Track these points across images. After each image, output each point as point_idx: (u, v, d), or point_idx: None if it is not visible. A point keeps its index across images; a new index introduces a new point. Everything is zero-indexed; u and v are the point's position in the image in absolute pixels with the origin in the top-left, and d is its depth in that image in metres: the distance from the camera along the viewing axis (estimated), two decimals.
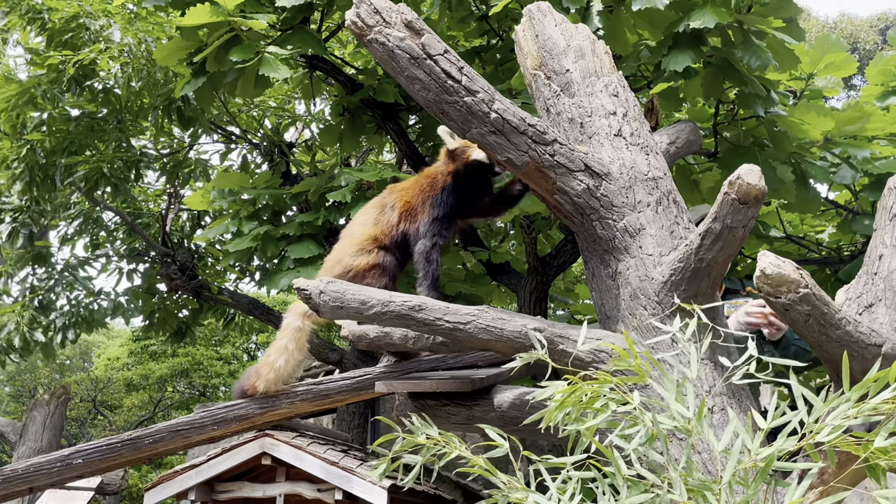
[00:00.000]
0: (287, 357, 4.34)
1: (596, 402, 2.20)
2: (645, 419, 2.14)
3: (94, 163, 8.17)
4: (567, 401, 2.22)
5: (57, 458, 4.98)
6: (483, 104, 3.50)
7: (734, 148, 5.80)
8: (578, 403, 2.21)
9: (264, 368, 4.42)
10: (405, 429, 2.51)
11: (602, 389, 2.20)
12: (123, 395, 20.67)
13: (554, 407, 2.23)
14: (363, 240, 4.28)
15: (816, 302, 2.84)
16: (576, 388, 2.22)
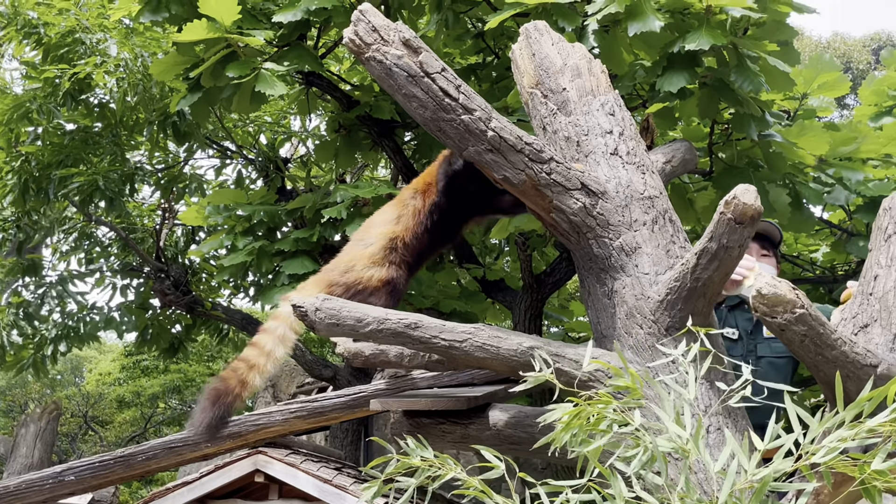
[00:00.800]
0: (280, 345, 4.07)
1: (601, 423, 2.20)
2: (645, 440, 2.13)
3: (89, 175, 8.16)
4: (573, 422, 2.21)
5: (48, 474, 4.95)
6: (480, 122, 3.51)
7: (729, 168, 5.83)
8: (585, 425, 2.20)
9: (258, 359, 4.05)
10: (399, 450, 2.50)
11: (606, 410, 2.20)
12: (115, 411, 20.55)
13: (560, 429, 2.23)
14: (378, 249, 4.15)
15: (812, 322, 2.84)
16: (581, 409, 2.22)
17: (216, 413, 4.02)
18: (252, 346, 4.09)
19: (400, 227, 4.19)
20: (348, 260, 4.21)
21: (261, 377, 4.01)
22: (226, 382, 4.04)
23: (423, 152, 8.54)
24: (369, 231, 4.31)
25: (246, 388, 4.01)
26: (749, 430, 2.39)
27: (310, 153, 10.44)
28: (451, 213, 4.26)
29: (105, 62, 7.54)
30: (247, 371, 4.01)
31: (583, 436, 2.22)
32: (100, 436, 20.63)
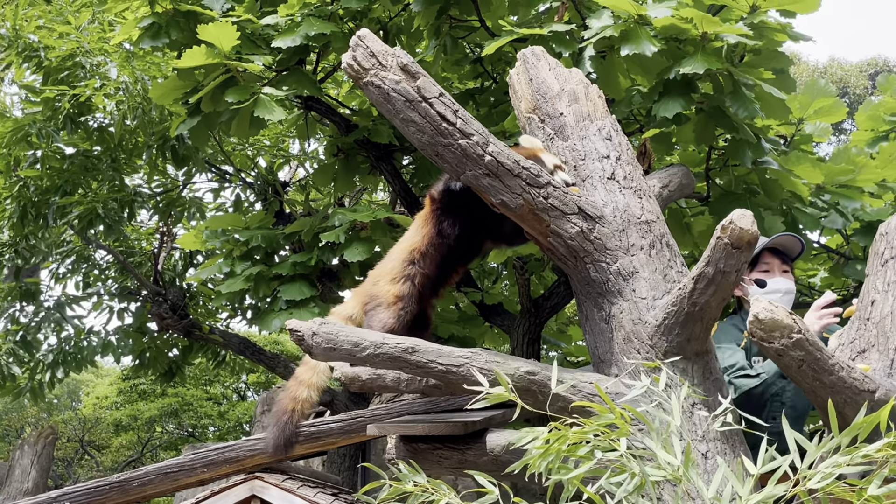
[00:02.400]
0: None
1: (579, 449, 2.19)
2: (633, 467, 2.12)
3: (88, 203, 8.17)
4: (550, 448, 2.20)
5: (44, 500, 4.92)
6: (478, 147, 3.53)
7: (725, 194, 5.84)
8: (560, 451, 2.19)
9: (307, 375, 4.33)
10: (392, 476, 2.49)
11: (587, 436, 2.19)
12: (111, 435, 20.41)
13: (538, 454, 2.22)
14: (399, 263, 4.21)
15: (809, 347, 2.85)
16: (559, 434, 2.21)
17: (278, 432, 4.33)
18: (303, 364, 4.42)
19: (418, 238, 4.24)
20: (378, 273, 4.32)
21: (309, 389, 4.32)
22: (281, 403, 4.37)
23: (421, 176, 8.56)
24: (399, 244, 4.41)
25: (298, 402, 4.32)
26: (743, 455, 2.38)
27: (308, 176, 10.46)
28: (459, 219, 4.24)
29: (105, 85, 7.58)
30: (296, 387, 4.32)
31: (558, 461, 2.21)
32: (96, 460, 20.49)
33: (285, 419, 4.31)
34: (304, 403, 4.31)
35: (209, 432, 19.63)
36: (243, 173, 9.90)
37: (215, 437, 19.32)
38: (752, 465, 2.14)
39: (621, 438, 2.19)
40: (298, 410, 4.31)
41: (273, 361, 10.19)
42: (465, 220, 4.16)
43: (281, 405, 4.35)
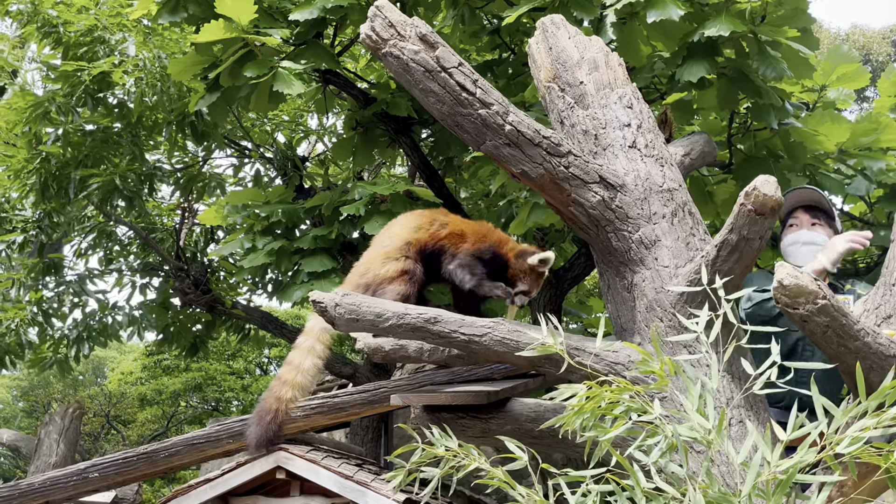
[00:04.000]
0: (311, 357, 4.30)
1: (614, 408, 2.19)
2: (665, 429, 2.12)
3: (108, 176, 8.21)
4: (585, 406, 2.21)
5: (73, 471, 5.00)
6: (497, 116, 3.51)
7: (748, 159, 5.79)
8: (596, 409, 2.20)
9: (290, 374, 4.33)
10: (424, 440, 2.51)
11: (621, 396, 2.19)
12: (137, 410, 20.66)
13: (572, 412, 2.22)
14: (392, 248, 4.26)
15: (835, 313, 2.82)
16: (594, 392, 2.21)
17: (262, 431, 4.32)
18: (286, 364, 4.37)
19: (416, 237, 4.30)
20: (366, 261, 4.34)
21: (293, 389, 4.28)
22: (265, 402, 4.34)
23: (440, 149, 8.54)
24: (388, 233, 4.44)
25: (283, 403, 4.29)
26: (771, 420, 2.37)
27: (327, 151, 10.46)
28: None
29: (124, 62, 7.59)
30: (280, 387, 4.28)
31: (594, 420, 2.21)
32: (122, 435, 20.77)
33: (269, 419, 4.31)
34: (287, 403, 4.30)
35: (233, 406, 19.83)
36: (262, 149, 9.91)
37: (239, 410, 19.51)
38: (782, 431, 2.13)
39: (655, 400, 2.19)
40: (282, 410, 4.31)
41: (295, 335, 10.22)
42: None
43: (265, 404, 4.34)
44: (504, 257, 4.31)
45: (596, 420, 2.22)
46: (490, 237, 4.35)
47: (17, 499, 5.05)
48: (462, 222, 4.43)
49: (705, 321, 2.33)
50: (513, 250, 4.34)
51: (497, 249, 4.32)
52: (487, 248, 4.30)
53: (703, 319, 2.31)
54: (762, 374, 2.20)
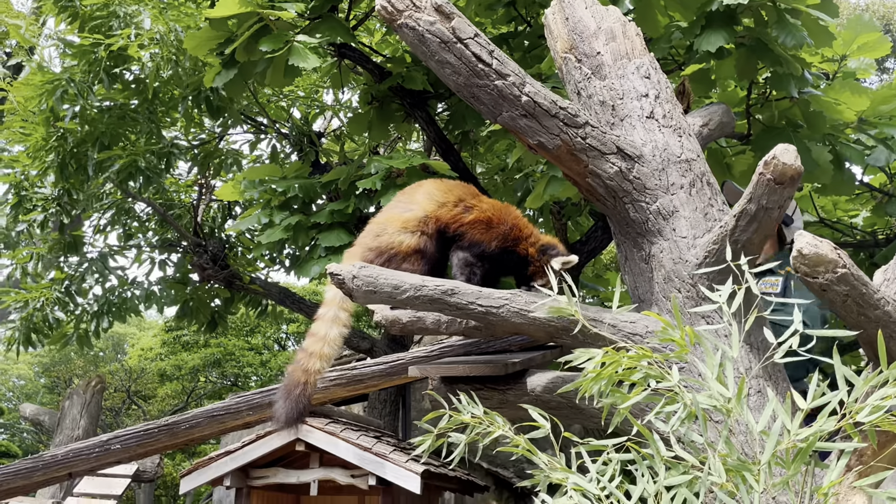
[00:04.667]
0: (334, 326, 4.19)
1: (632, 374, 2.19)
2: (684, 397, 2.12)
3: (129, 156, 8.25)
4: (602, 372, 2.21)
5: (95, 443, 5.06)
6: (514, 87, 3.49)
7: (767, 129, 5.74)
8: (614, 375, 2.20)
9: (316, 346, 4.17)
10: (451, 406, 2.53)
11: (639, 363, 2.19)
12: (157, 385, 20.90)
13: (590, 378, 2.22)
14: (411, 218, 4.13)
15: (855, 282, 2.80)
16: (613, 357, 2.21)
17: (291, 406, 4.11)
18: (309, 336, 4.20)
19: (437, 213, 4.16)
20: (384, 221, 4.20)
21: (321, 361, 4.12)
22: (292, 376, 4.15)
23: (456, 123, 8.51)
24: (415, 196, 4.27)
25: (311, 375, 4.12)
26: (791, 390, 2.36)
27: (343, 126, 10.46)
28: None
29: (140, 35, 7.59)
30: (307, 359, 4.12)
31: (611, 385, 2.21)
32: (143, 410, 21.00)
33: (298, 392, 4.13)
34: (315, 375, 4.13)
35: (251, 381, 20.00)
36: (278, 125, 9.92)
37: (257, 385, 19.68)
38: (802, 399, 2.12)
39: (674, 367, 2.19)
40: (311, 383, 4.14)
41: (313, 310, 10.27)
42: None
43: (292, 377, 4.15)
44: (523, 254, 4.17)
45: (613, 386, 2.23)
46: (513, 232, 4.18)
47: (41, 470, 5.13)
48: (490, 209, 4.22)
49: (728, 293, 2.31)
50: (534, 245, 4.18)
51: (516, 248, 4.17)
52: (505, 247, 4.16)
53: (725, 291, 2.29)
54: (783, 343, 2.18)
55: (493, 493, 10.29)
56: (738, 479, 2.09)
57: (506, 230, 4.15)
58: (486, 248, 4.11)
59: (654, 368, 2.18)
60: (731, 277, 2.38)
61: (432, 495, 7.25)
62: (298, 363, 4.15)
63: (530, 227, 4.26)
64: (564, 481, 2.26)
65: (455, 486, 7.20)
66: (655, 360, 2.18)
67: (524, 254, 4.15)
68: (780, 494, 2.95)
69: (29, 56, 9.97)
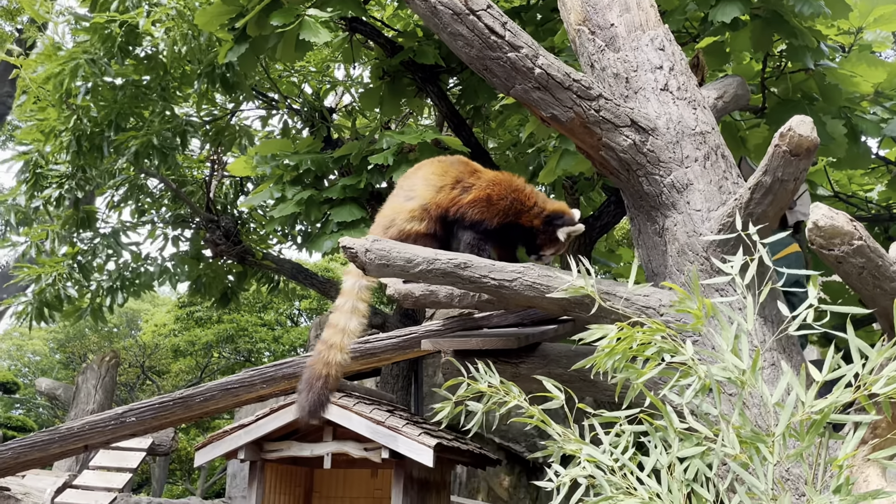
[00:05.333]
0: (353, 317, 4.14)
1: (646, 349, 2.19)
2: (698, 370, 2.12)
3: (144, 136, 8.27)
4: (616, 347, 2.21)
5: (111, 416, 5.10)
6: (527, 59, 3.46)
7: (782, 102, 5.69)
8: (628, 350, 2.19)
9: (336, 337, 4.13)
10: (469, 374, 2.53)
11: (653, 337, 2.18)
12: (171, 361, 21.06)
13: (604, 353, 2.22)
14: (416, 207, 4.14)
15: (871, 254, 2.78)
16: (626, 333, 2.20)
17: (313, 397, 4.07)
18: (328, 327, 4.17)
19: (436, 200, 4.14)
20: (391, 213, 4.21)
21: (342, 353, 4.09)
22: (313, 368, 4.13)
23: (468, 97, 8.47)
24: (413, 182, 4.27)
25: (332, 367, 4.08)
26: (806, 363, 2.35)
27: (354, 101, 10.43)
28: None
29: (154, 11, 7.58)
30: (328, 351, 4.09)
31: (625, 361, 2.21)
32: (157, 385, 21.17)
33: (319, 384, 4.08)
34: (337, 367, 4.09)
35: (264, 357, 20.12)
36: (290, 100, 9.90)
37: (270, 360, 19.79)
38: (818, 371, 2.11)
39: (687, 341, 2.18)
40: (333, 375, 4.10)
41: (325, 286, 10.33)
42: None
43: (314, 370, 4.11)
44: (527, 226, 4.14)
45: (627, 361, 2.22)
46: (514, 206, 4.13)
47: (58, 442, 5.18)
48: (489, 184, 4.17)
49: (741, 264, 2.30)
50: (538, 216, 4.13)
51: (519, 220, 4.13)
52: (507, 222, 4.12)
53: (738, 262, 2.28)
54: (798, 316, 2.17)
55: (505, 468, 10.35)
56: (751, 450, 2.09)
57: (506, 205, 4.12)
58: (487, 226, 4.08)
59: (668, 342, 2.17)
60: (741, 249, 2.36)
61: (445, 468, 7.29)
62: (319, 355, 4.13)
63: (534, 195, 4.20)
64: (578, 452, 2.26)
65: (467, 460, 7.24)
66: (669, 335, 2.18)
67: (528, 226, 4.13)
68: (794, 466, 2.95)
69: (41, 32, 9.97)
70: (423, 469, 6.66)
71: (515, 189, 4.18)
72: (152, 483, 18.56)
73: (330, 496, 7.72)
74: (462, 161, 4.38)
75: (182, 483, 19.98)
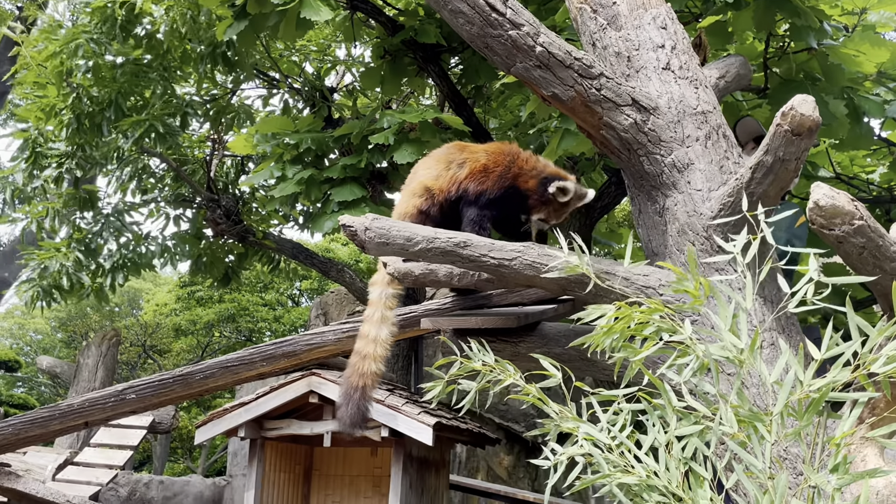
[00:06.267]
0: (383, 326, 4.19)
1: (645, 328, 2.18)
2: (696, 349, 2.12)
3: (146, 121, 8.25)
4: (615, 326, 2.20)
5: (111, 393, 5.11)
6: (528, 37, 3.44)
7: (785, 82, 5.67)
8: (626, 330, 2.19)
9: (368, 347, 4.17)
10: (462, 353, 2.53)
11: (651, 317, 2.18)
12: (172, 340, 21.09)
13: (602, 332, 2.22)
14: (416, 186, 4.21)
15: (871, 234, 2.77)
16: (624, 312, 2.20)
17: (353, 409, 4.09)
18: (360, 339, 4.20)
19: (437, 185, 4.21)
20: (401, 213, 4.27)
21: (375, 362, 4.12)
22: (349, 381, 4.15)
23: (469, 77, 8.43)
24: (412, 182, 4.35)
25: (367, 377, 4.11)
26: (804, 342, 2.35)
27: (355, 81, 10.39)
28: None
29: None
30: (362, 362, 4.12)
31: (623, 340, 2.21)
32: (158, 364, 21.22)
33: (358, 396, 4.09)
34: (373, 377, 4.11)
35: (266, 336, 20.15)
36: (291, 80, 9.86)
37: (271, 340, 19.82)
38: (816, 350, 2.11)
39: (686, 320, 2.18)
40: (370, 385, 4.12)
41: (326, 266, 10.33)
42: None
43: (350, 382, 4.12)
44: (523, 189, 4.15)
45: (625, 340, 2.22)
46: (511, 169, 4.16)
47: (58, 419, 5.20)
48: (484, 156, 4.22)
49: (743, 243, 2.29)
50: (535, 178, 4.15)
51: (517, 183, 4.15)
52: (508, 185, 4.14)
53: (741, 241, 2.27)
54: (797, 293, 2.17)
55: (504, 447, 10.39)
56: (750, 429, 2.09)
57: (502, 170, 4.16)
58: (489, 195, 4.13)
59: (667, 322, 2.17)
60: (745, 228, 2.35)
61: (444, 447, 7.32)
62: (353, 367, 4.15)
63: (533, 159, 4.23)
64: (575, 430, 2.26)
65: (466, 439, 7.26)
66: (667, 314, 2.17)
67: (525, 188, 4.15)
68: (792, 446, 2.96)
69: (42, 9, 9.92)
70: (423, 447, 6.68)
71: (510, 153, 4.24)
72: (154, 461, 18.66)
73: (329, 474, 7.76)
74: (449, 145, 4.45)
75: (183, 461, 20.08)
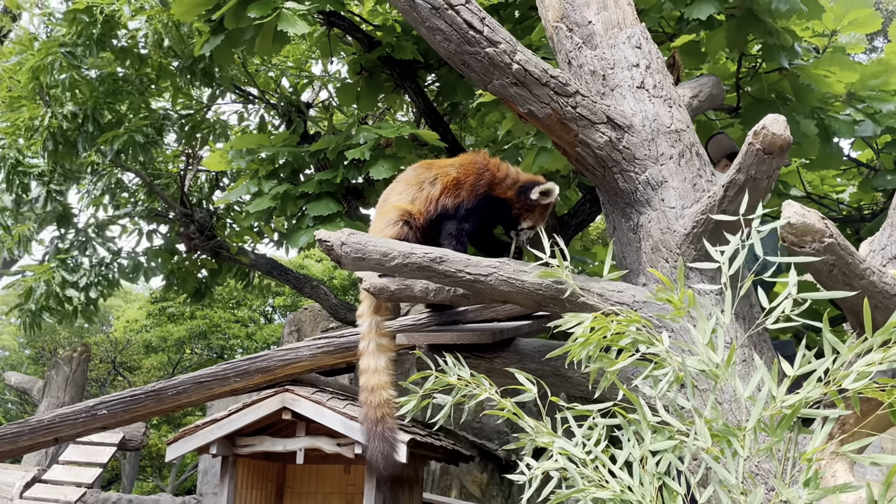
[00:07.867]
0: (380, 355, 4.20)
1: (620, 339, 2.20)
2: (672, 362, 2.13)
3: (125, 133, 8.20)
4: (591, 337, 2.21)
5: (82, 408, 5.06)
6: (505, 55, 3.47)
7: (756, 102, 5.75)
8: (602, 340, 2.20)
9: (372, 379, 4.17)
10: (438, 367, 2.52)
11: (628, 328, 2.19)
12: (142, 357, 20.85)
13: (579, 343, 2.23)
14: (393, 213, 4.20)
15: (841, 252, 2.82)
16: (600, 322, 2.21)
17: (381, 444, 4.09)
18: (362, 374, 4.20)
19: (414, 207, 4.22)
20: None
21: (384, 390, 4.12)
22: (368, 416, 4.14)
23: (445, 94, 8.47)
24: (387, 211, 4.32)
25: (383, 407, 4.10)
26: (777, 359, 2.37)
27: (332, 98, 10.39)
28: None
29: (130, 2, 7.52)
30: (371, 396, 4.12)
31: (599, 350, 2.22)
32: (128, 381, 20.96)
33: (380, 429, 4.09)
34: (388, 405, 4.09)
35: (237, 353, 19.99)
36: (267, 95, 9.84)
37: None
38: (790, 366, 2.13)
39: (663, 332, 2.19)
40: (388, 413, 4.10)
41: (300, 282, 10.29)
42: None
43: (368, 418, 4.11)
44: (502, 198, 4.19)
45: (601, 352, 2.23)
46: (483, 177, 4.19)
47: (27, 435, 5.13)
48: (454, 169, 4.25)
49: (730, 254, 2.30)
50: (512, 188, 4.19)
51: (493, 192, 4.19)
52: (482, 194, 4.17)
53: (730, 249, 2.28)
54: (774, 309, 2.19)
55: (478, 465, 10.36)
56: (723, 444, 2.10)
57: (474, 180, 4.20)
58: (466, 205, 4.16)
59: (643, 334, 2.18)
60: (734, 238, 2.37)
61: (418, 464, 7.28)
62: (366, 404, 4.14)
63: (506, 168, 4.27)
64: (550, 445, 2.27)
65: (440, 456, 7.23)
66: (644, 326, 2.19)
67: (504, 198, 4.19)
68: (765, 461, 2.98)
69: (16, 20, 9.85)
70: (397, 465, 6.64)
71: (479, 162, 4.27)
72: (122, 479, 18.40)
73: (302, 492, 7.69)
74: (415, 166, 4.47)
75: (153, 480, 19.83)
